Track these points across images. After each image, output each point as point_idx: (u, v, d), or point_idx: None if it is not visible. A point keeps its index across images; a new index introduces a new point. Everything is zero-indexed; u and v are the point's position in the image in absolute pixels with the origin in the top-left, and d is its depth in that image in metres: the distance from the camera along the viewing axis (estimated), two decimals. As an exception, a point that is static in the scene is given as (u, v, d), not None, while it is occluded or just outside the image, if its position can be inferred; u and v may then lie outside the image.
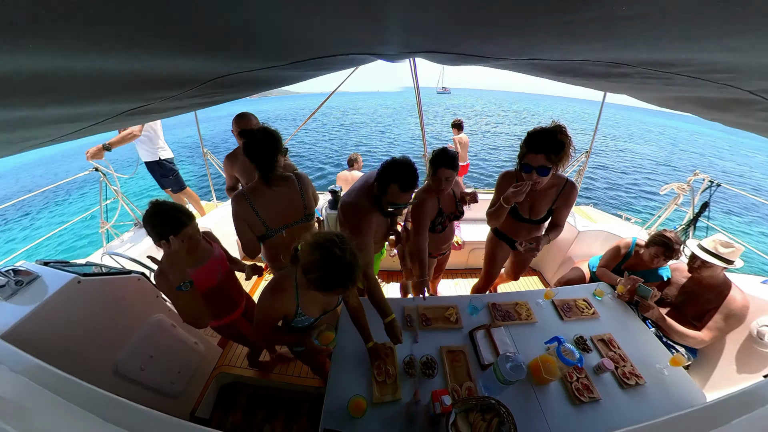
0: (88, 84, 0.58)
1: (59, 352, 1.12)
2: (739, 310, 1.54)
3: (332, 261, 0.91)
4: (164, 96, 0.92)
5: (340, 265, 0.91)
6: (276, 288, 1.10)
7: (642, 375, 1.35)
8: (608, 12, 0.43)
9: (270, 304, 1.10)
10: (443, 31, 0.74)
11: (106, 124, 1.02)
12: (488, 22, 0.60)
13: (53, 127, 0.84)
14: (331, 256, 0.91)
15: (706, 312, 1.64)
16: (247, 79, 1.07)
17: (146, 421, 0.66)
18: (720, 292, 1.60)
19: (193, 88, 0.92)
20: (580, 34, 0.58)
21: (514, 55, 0.90)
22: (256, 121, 1.94)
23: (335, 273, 0.91)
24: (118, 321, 1.37)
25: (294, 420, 1.90)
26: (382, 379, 1.29)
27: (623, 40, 0.58)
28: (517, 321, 1.62)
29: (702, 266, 1.60)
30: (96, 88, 0.63)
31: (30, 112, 0.63)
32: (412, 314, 1.63)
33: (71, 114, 0.77)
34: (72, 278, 1.18)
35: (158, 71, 0.67)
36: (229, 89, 1.16)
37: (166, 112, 1.30)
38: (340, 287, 0.93)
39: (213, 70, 0.83)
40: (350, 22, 0.64)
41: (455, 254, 2.97)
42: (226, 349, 2.22)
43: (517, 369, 1.15)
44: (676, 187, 2.54)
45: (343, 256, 0.91)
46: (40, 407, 0.65)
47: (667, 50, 0.60)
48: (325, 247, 0.92)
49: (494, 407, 1.04)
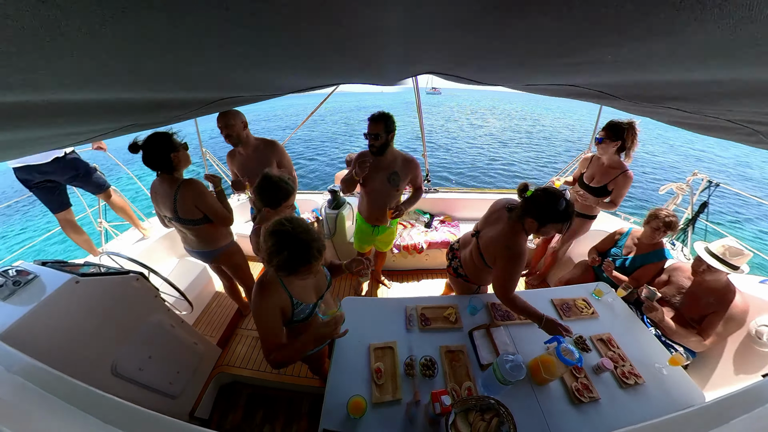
0: (102, 109, 0.65)
1: (57, 352, 1.11)
2: (739, 315, 1.53)
3: (285, 241, 0.93)
4: (168, 116, 0.98)
5: (295, 242, 0.93)
6: (261, 288, 1.08)
7: (641, 374, 1.35)
8: (598, 58, 0.45)
9: (264, 307, 1.07)
10: (441, 61, 0.76)
11: (110, 135, 1.09)
12: (485, 58, 0.62)
13: (59, 138, 0.87)
14: (283, 237, 0.93)
15: (705, 315, 1.63)
16: (250, 99, 1.19)
17: (144, 422, 0.66)
18: (722, 297, 1.58)
19: (196, 110, 0.98)
20: (573, 72, 0.60)
21: (510, 83, 0.95)
22: (242, 117, 1.90)
23: (293, 252, 0.93)
24: (116, 321, 1.36)
25: (293, 420, 1.90)
26: (381, 382, 1.29)
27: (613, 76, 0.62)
28: (516, 321, 1.62)
29: (707, 271, 1.57)
30: (109, 112, 0.70)
31: (45, 132, 0.66)
32: (413, 313, 1.63)
33: (82, 130, 0.81)
34: (70, 278, 1.17)
35: (170, 98, 0.73)
36: (229, 106, 1.24)
37: (167, 122, 1.39)
38: (304, 264, 0.95)
39: (212, 96, 0.88)
40: (351, 59, 0.67)
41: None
42: (226, 349, 2.22)
43: (516, 369, 1.15)
44: (675, 186, 2.55)
45: (295, 233, 0.93)
46: (37, 408, 0.64)
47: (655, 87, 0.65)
48: (275, 232, 0.94)
49: (494, 407, 1.04)
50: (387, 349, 1.43)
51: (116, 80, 0.49)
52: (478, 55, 0.60)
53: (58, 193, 2.29)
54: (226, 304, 2.63)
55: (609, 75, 0.60)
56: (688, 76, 0.51)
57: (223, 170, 3.29)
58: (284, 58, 0.55)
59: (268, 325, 1.08)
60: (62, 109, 0.55)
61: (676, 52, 0.40)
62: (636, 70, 0.51)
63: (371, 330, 1.53)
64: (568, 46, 0.43)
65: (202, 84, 0.67)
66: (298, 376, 2.03)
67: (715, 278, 1.57)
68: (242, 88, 0.84)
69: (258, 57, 0.52)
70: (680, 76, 0.51)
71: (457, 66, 0.80)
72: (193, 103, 0.93)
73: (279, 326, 1.12)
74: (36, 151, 1.52)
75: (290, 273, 0.96)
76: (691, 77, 0.52)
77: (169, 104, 0.84)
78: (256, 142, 2.02)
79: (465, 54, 0.61)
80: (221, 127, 1.85)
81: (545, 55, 0.48)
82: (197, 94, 0.79)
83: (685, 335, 1.64)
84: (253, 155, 2.02)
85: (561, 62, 0.51)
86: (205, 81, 0.65)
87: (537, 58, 0.52)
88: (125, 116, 0.83)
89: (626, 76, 0.59)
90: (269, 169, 1.52)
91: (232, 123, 1.84)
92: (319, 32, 0.45)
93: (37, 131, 0.67)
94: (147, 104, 0.74)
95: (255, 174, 1.93)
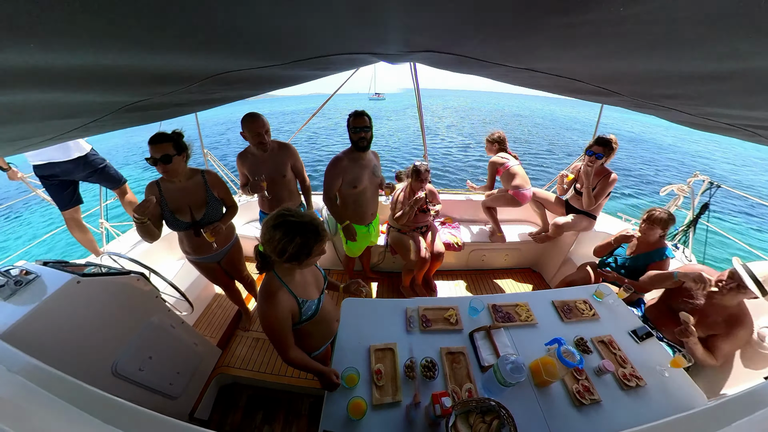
0: (83, 74, 0.58)
1: (58, 352, 1.12)
2: (748, 333, 1.51)
3: (293, 228, 0.97)
4: (163, 92, 0.92)
5: (302, 226, 0.98)
6: (267, 294, 1.08)
7: (642, 376, 1.35)
8: (605, 15, 0.43)
9: (274, 316, 1.07)
10: (443, 31, 0.74)
11: (104, 122, 1.01)
12: (487, 22, 0.60)
13: (47, 125, 0.83)
14: (289, 226, 0.97)
15: (710, 333, 1.56)
16: (248, 77, 1.07)
17: (144, 422, 0.66)
18: (731, 320, 1.50)
19: (192, 84, 0.92)
20: (576, 37, 0.58)
21: (512, 61, 0.91)
22: (264, 121, 1.89)
23: (304, 234, 0.98)
24: (117, 321, 1.37)
25: (293, 421, 1.90)
26: (381, 384, 1.29)
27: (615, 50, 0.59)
28: (517, 322, 1.62)
29: (733, 289, 1.44)
30: (91, 80, 0.63)
31: (23, 97, 0.61)
32: (414, 315, 1.63)
33: (64, 106, 0.75)
34: (71, 278, 1.18)
35: (157, 67, 0.67)
36: (229, 87, 1.16)
37: (165, 110, 1.30)
38: (317, 242, 1.01)
39: (213, 68, 0.83)
40: (350, 20, 0.65)
41: (455, 255, 2.97)
42: (226, 350, 2.22)
43: (517, 370, 1.15)
44: (676, 188, 2.54)
45: (298, 217, 0.99)
46: (38, 408, 0.64)
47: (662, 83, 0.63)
48: (279, 224, 0.98)
49: (494, 409, 1.03)
50: (387, 350, 1.43)
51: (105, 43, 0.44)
52: (482, 21, 0.58)
53: (70, 189, 2.33)
54: (226, 305, 2.63)
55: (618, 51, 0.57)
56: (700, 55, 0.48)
57: (225, 172, 3.29)
58: (279, 8, 0.52)
59: (282, 332, 1.10)
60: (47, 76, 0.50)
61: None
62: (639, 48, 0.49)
63: (371, 331, 1.53)
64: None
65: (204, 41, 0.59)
66: (298, 377, 2.02)
67: (734, 297, 1.47)
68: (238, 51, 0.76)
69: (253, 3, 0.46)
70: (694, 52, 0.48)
71: (459, 39, 0.77)
72: (190, 78, 0.85)
73: (290, 329, 1.15)
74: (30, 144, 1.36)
75: (307, 256, 1.01)
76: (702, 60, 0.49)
77: (162, 78, 0.77)
78: (271, 144, 2.00)
79: (467, 22, 0.60)
80: (261, 133, 1.85)
81: (551, 11, 0.47)
82: (193, 59, 0.70)
83: (704, 360, 1.54)
84: (267, 157, 1.98)
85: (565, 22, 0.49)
86: (208, 35, 0.59)
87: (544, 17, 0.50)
88: (115, 91, 0.75)
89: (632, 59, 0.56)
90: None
91: (268, 128, 1.88)
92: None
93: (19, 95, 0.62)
94: (138, 75, 0.69)
95: (268, 176, 1.96)
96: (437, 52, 0.98)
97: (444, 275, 3.06)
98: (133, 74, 0.67)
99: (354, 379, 1.26)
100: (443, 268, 2.77)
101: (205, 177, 1.73)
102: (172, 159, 1.51)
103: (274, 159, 2.01)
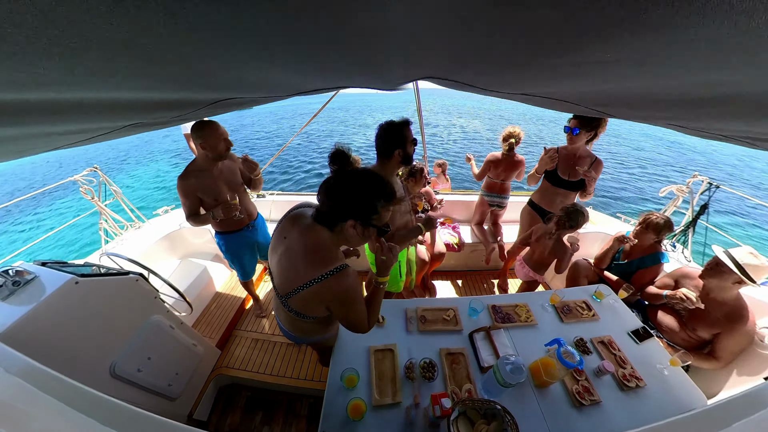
0: (100, 107, 0.65)
1: (56, 353, 1.11)
2: (750, 330, 1.52)
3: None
4: (169, 116, 0.99)
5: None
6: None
7: (642, 377, 1.35)
8: (597, 57, 0.46)
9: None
10: (442, 63, 0.77)
11: (110, 135, 1.09)
12: (484, 58, 0.63)
13: (56, 138, 0.87)
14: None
15: (714, 332, 1.58)
16: (250, 101, 1.18)
17: (143, 423, 0.66)
18: (731, 315, 1.52)
19: (195, 110, 0.99)
20: (571, 74, 0.61)
21: (508, 89, 0.95)
22: (222, 130, 1.60)
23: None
24: (115, 322, 1.36)
25: (292, 422, 1.89)
26: (381, 385, 1.28)
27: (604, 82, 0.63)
28: (517, 323, 1.62)
29: (717, 275, 1.50)
30: (107, 110, 0.71)
31: (42, 129, 0.67)
32: (413, 315, 1.62)
33: (78, 129, 0.81)
34: (70, 279, 1.17)
35: (167, 97, 0.75)
36: (230, 108, 1.25)
37: (167, 124, 1.37)
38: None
39: (216, 96, 0.90)
40: (351, 60, 0.68)
41: (455, 255, 2.97)
42: (225, 351, 2.21)
43: (517, 371, 1.14)
44: (675, 189, 2.54)
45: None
46: (35, 409, 0.64)
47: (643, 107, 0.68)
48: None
49: (499, 413, 1.01)
50: (387, 351, 1.43)
51: (114, 79, 0.49)
52: (479, 55, 0.60)
53: None
54: (225, 306, 2.62)
55: (610, 79, 0.60)
56: (687, 83, 0.51)
57: None
58: (286, 55, 0.54)
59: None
60: (60, 108, 0.55)
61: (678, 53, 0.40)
62: (636, 74, 0.51)
63: (371, 332, 1.52)
64: (574, 42, 0.43)
65: (203, 83, 0.67)
66: (297, 378, 2.02)
67: (721, 285, 1.51)
68: (244, 87, 0.84)
69: (260, 54, 0.52)
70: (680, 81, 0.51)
71: (457, 69, 0.80)
72: (195, 104, 0.93)
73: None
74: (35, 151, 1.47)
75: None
76: (689, 88, 0.52)
77: (169, 104, 0.84)
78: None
79: (465, 54, 0.61)
80: (226, 141, 1.61)
81: (550, 52, 0.48)
82: (198, 94, 0.79)
83: (699, 362, 1.59)
84: (221, 168, 1.72)
85: (565, 61, 0.51)
86: (206, 80, 0.65)
87: (540, 56, 0.52)
88: (123, 117, 0.83)
89: (626, 82, 0.59)
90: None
91: (220, 131, 1.58)
92: (320, 29, 0.45)
93: (33, 128, 0.67)
94: (146, 104, 0.74)
95: (232, 190, 1.71)
96: (436, 78, 1.02)
97: (443, 275, 3.06)
98: (143, 104, 0.77)
99: (353, 380, 1.25)
100: (443, 268, 2.76)
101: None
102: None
103: (229, 168, 1.76)
